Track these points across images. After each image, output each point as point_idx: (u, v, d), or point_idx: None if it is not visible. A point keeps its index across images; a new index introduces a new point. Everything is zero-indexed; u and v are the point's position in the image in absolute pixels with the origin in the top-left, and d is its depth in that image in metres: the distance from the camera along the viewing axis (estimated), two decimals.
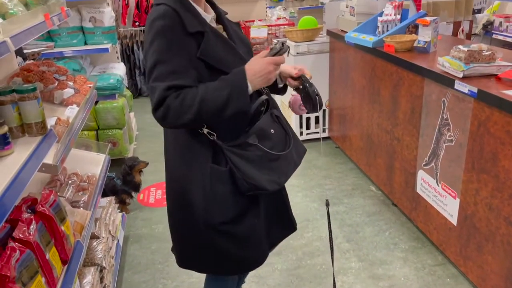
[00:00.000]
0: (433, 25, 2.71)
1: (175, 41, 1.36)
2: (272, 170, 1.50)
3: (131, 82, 5.92)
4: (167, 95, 1.33)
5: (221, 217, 1.53)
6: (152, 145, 4.42)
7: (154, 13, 1.39)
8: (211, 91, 1.36)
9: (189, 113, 1.34)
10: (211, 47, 1.41)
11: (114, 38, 3.78)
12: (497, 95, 1.93)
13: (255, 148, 1.46)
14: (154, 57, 1.36)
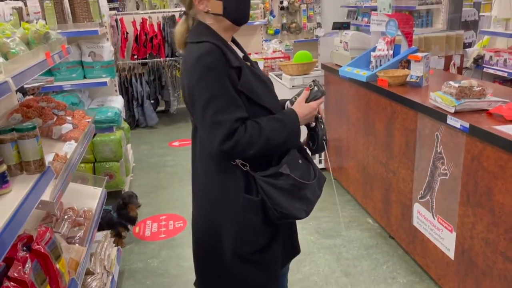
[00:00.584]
0: (424, 60, 2.78)
1: (224, 75, 1.43)
2: (300, 199, 1.56)
3: (129, 114, 5.97)
4: (236, 127, 1.42)
5: (252, 246, 1.58)
6: (148, 177, 4.42)
7: (197, 50, 1.45)
8: (273, 131, 1.47)
9: (254, 149, 1.45)
10: (248, 81, 1.50)
11: (112, 72, 3.85)
12: (488, 130, 1.96)
13: (287, 177, 1.52)
14: (208, 92, 1.42)
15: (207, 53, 1.43)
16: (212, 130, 1.42)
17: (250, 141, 1.42)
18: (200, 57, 1.43)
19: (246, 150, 1.44)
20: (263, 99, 1.53)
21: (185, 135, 5.67)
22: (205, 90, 1.42)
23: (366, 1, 7.16)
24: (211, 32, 1.51)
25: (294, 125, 1.53)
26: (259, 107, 1.51)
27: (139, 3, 7.97)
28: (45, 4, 3.33)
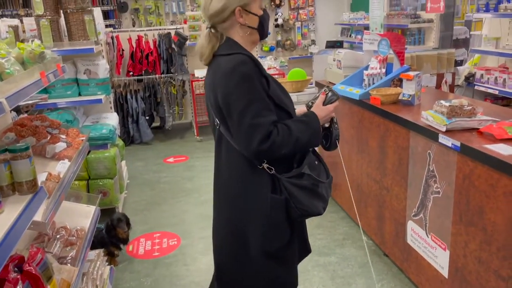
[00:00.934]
0: (416, 79, 2.82)
1: (260, 83, 1.60)
2: (318, 197, 1.73)
3: (124, 130, 5.97)
4: (271, 129, 1.58)
5: (279, 242, 1.74)
6: (142, 194, 4.40)
7: (231, 61, 1.60)
8: (300, 132, 1.65)
9: (286, 148, 1.62)
10: (275, 89, 1.68)
11: (108, 89, 3.86)
12: (479, 149, 1.99)
13: (308, 177, 1.68)
14: (246, 98, 1.57)
15: (243, 63, 1.58)
16: (250, 132, 1.56)
17: (283, 142, 1.59)
18: (236, 67, 1.57)
19: (280, 150, 1.60)
20: (286, 104, 1.71)
21: (179, 151, 5.67)
22: (244, 96, 1.56)
23: (360, 19, 7.26)
24: (241, 46, 1.67)
25: (316, 125, 1.71)
26: (283, 111, 1.69)
27: (135, 20, 8.06)
28: (41, 23, 3.36)
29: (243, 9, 1.65)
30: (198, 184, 4.57)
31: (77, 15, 3.49)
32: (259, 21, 1.68)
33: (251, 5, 1.66)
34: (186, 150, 5.70)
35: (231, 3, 1.63)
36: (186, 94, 6.33)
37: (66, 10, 3.48)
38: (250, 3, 1.66)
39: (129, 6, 7.95)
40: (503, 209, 1.90)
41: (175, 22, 8.03)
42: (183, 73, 5.98)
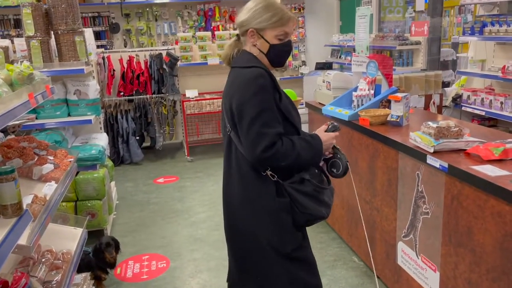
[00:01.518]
0: (404, 100, 2.86)
1: (273, 96, 1.75)
2: (321, 202, 1.84)
3: (114, 150, 5.93)
4: (276, 140, 1.70)
5: (293, 243, 1.84)
6: (132, 215, 4.35)
7: (249, 73, 1.75)
8: (303, 149, 1.77)
9: (287, 161, 1.73)
10: (286, 103, 1.82)
11: (98, 109, 3.86)
12: (467, 170, 2.00)
13: (308, 182, 1.81)
14: (259, 107, 1.69)
15: (260, 75, 1.74)
16: (257, 139, 1.69)
17: (285, 154, 1.71)
18: (254, 78, 1.73)
19: (281, 161, 1.72)
20: (295, 119, 1.84)
21: (170, 171, 5.64)
22: (257, 106, 1.69)
23: (349, 41, 7.39)
24: (258, 61, 1.81)
25: (319, 147, 1.83)
26: (291, 125, 1.82)
27: (127, 41, 8.10)
28: (32, 44, 3.37)
29: (257, 32, 1.80)
30: (188, 205, 4.53)
31: (68, 36, 3.51)
32: (269, 48, 1.81)
33: (266, 31, 1.79)
34: (177, 170, 5.68)
35: (248, 22, 1.80)
36: (177, 114, 6.33)
37: (57, 31, 3.50)
38: (266, 29, 1.79)
39: (121, 27, 8.00)
40: (491, 230, 1.91)
41: (167, 43, 8.09)
42: (174, 93, 6.00)
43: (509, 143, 2.17)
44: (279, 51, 1.82)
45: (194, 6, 8.19)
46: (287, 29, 1.81)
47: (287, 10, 1.82)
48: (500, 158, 2.09)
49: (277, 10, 1.79)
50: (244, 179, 1.83)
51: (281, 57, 1.85)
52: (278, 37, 1.80)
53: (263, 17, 1.77)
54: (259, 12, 1.78)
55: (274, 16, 1.77)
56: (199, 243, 3.73)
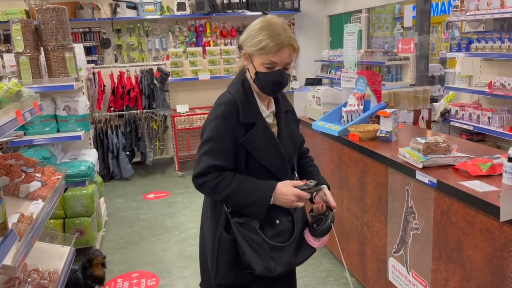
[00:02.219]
0: (393, 116, 2.88)
1: (227, 127, 1.65)
2: (269, 257, 1.65)
3: (104, 166, 5.89)
4: (208, 171, 1.63)
5: (221, 279, 1.74)
6: (121, 232, 4.30)
7: (222, 98, 1.72)
8: (241, 191, 1.63)
9: (218, 196, 1.65)
10: (255, 138, 1.67)
11: (87, 125, 3.83)
12: (455, 186, 2.02)
13: (255, 232, 1.65)
14: (209, 133, 1.66)
15: (225, 103, 1.68)
16: (196, 163, 1.68)
17: (215, 188, 1.62)
18: (219, 104, 1.69)
19: (211, 194, 1.66)
20: (264, 157, 1.69)
21: (160, 187, 5.60)
22: (208, 132, 1.67)
23: (339, 56, 7.47)
24: (241, 86, 1.72)
25: (264, 196, 1.64)
26: (257, 162, 1.68)
27: (118, 56, 8.11)
28: (21, 60, 3.36)
29: (249, 56, 1.70)
30: (179, 221, 4.49)
31: (57, 52, 3.50)
32: (256, 75, 1.69)
33: (254, 57, 1.68)
34: (167, 185, 5.64)
35: (244, 43, 1.71)
36: (167, 129, 6.32)
37: (46, 47, 3.49)
38: (254, 55, 1.67)
39: (111, 42, 8.02)
40: (480, 246, 1.91)
41: (158, 58, 8.12)
42: (165, 108, 5.99)
43: (497, 159, 2.19)
44: (263, 80, 1.67)
45: (185, 22, 8.25)
46: (273, 59, 1.63)
47: (283, 35, 1.63)
48: (488, 173, 2.11)
49: (267, 36, 1.62)
50: (205, 202, 1.85)
51: (266, 87, 1.69)
52: (264, 65, 1.66)
53: (253, 41, 1.65)
54: (252, 35, 1.67)
55: (262, 42, 1.62)
56: (190, 260, 3.68)
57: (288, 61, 1.68)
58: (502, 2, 3.72)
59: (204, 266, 1.88)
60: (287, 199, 1.64)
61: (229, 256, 1.70)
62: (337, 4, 8.29)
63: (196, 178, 1.67)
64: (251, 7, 8.21)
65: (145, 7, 7.85)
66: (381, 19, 8.40)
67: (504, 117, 3.95)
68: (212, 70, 6.26)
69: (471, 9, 4.09)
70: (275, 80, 1.68)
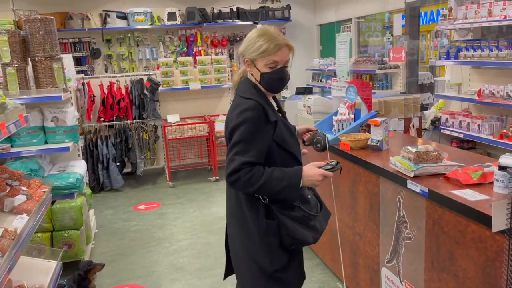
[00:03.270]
0: (383, 125, 2.87)
1: (259, 129, 1.84)
2: (310, 228, 1.93)
3: (94, 177, 5.82)
4: (241, 168, 1.80)
5: (276, 265, 1.93)
6: (111, 244, 4.23)
7: (243, 104, 1.86)
8: (273, 179, 1.81)
9: (252, 188, 1.81)
10: (281, 132, 1.91)
11: (76, 136, 3.78)
12: (446, 195, 2.00)
13: (298, 209, 1.90)
14: (240, 136, 1.82)
15: (250, 108, 1.84)
16: (228, 164, 1.83)
17: (249, 181, 1.79)
18: (244, 111, 1.84)
19: (246, 187, 1.81)
20: (290, 146, 1.94)
21: (151, 198, 5.54)
22: (238, 135, 1.83)
23: (329, 65, 7.50)
24: (256, 91, 1.91)
25: (294, 180, 1.84)
26: (287, 152, 1.92)
27: (108, 66, 8.08)
28: (8, 71, 3.31)
29: (251, 62, 1.90)
30: (170, 232, 4.44)
31: (45, 63, 3.46)
32: (260, 77, 1.88)
33: (257, 61, 1.88)
34: (158, 196, 5.58)
35: (244, 52, 1.91)
36: (158, 140, 6.27)
37: (34, 58, 3.45)
38: (257, 59, 1.87)
39: (102, 52, 7.99)
40: (472, 256, 1.90)
41: (148, 68, 8.10)
42: (156, 119, 5.95)
43: (487, 167, 2.18)
44: (269, 79, 1.88)
45: (176, 32, 8.25)
46: (275, 58, 1.86)
47: (279, 37, 1.87)
48: (479, 182, 2.10)
49: (265, 40, 1.85)
50: (238, 199, 1.96)
51: (273, 85, 1.91)
52: (268, 66, 1.87)
53: (253, 48, 1.87)
54: (252, 43, 1.88)
55: (262, 47, 1.85)
56: (181, 272, 3.63)
57: (287, 59, 1.92)
58: (489, 10, 3.76)
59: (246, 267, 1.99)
60: (315, 180, 1.86)
61: (277, 240, 1.91)
62: (328, 13, 8.35)
63: (230, 175, 1.82)
64: (241, 17, 8.25)
65: (136, 17, 7.85)
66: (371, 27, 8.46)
67: (493, 124, 3.97)
68: (203, 79, 6.25)
69: (459, 17, 4.12)
70: (279, 77, 1.90)
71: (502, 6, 3.63)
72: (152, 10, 7.93)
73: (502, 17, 3.64)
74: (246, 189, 1.83)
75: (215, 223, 4.59)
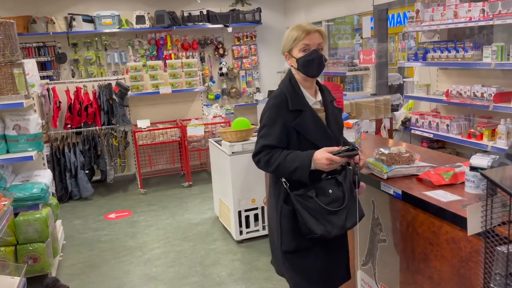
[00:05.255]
0: (355, 127, 2.87)
1: (279, 115, 2.01)
2: (327, 221, 1.94)
3: (61, 186, 5.61)
4: (262, 150, 2.02)
5: (288, 247, 2.05)
6: (80, 256, 4.07)
7: (274, 93, 2.09)
8: (287, 161, 1.96)
9: (270, 169, 2.01)
10: (304, 122, 2.02)
11: (40, 145, 3.63)
12: (419, 197, 2.00)
13: (313, 200, 1.95)
14: (264, 121, 2.05)
15: (274, 96, 2.06)
16: (255, 145, 2.07)
17: (268, 162, 1.99)
18: (271, 98, 2.07)
19: (266, 167, 2.01)
20: (313, 136, 2.01)
21: (122, 205, 5.39)
22: (263, 120, 2.05)
23: None
24: (288, 81, 2.08)
25: (304, 162, 1.94)
26: (309, 142, 2.01)
27: (75, 71, 7.85)
28: None
29: (289, 54, 2.08)
30: (142, 241, 4.31)
31: (5, 69, 3.30)
32: (296, 62, 2.04)
33: (293, 51, 2.06)
34: (129, 204, 5.43)
35: (283, 49, 2.10)
36: (128, 146, 6.11)
37: None
38: (292, 49, 2.05)
39: (68, 57, 7.75)
40: (447, 257, 1.90)
41: (117, 73, 7.90)
42: (125, 124, 5.80)
43: (458, 167, 2.20)
44: (303, 61, 2.02)
45: (145, 35, 8.09)
46: (306, 41, 2.01)
47: (308, 26, 2.03)
48: (451, 182, 2.12)
49: (294, 30, 2.04)
50: (270, 181, 2.16)
51: (307, 67, 2.02)
52: (301, 51, 2.02)
53: (287, 40, 2.06)
54: (286, 38, 2.08)
55: (294, 36, 2.03)
56: (154, 282, 3.52)
57: (319, 42, 2.03)
58: (455, 12, 3.83)
59: (272, 240, 2.17)
60: (321, 163, 1.91)
61: (290, 225, 2.01)
62: (298, 15, 8.38)
63: (254, 156, 2.05)
64: (212, 20, 8.17)
65: (103, 20, 7.66)
66: (340, 30, 8.55)
67: (462, 124, 4.05)
68: (173, 83, 6.14)
69: (426, 19, 4.19)
70: (312, 57, 2.01)
71: (468, 8, 3.71)
72: (120, 13, 7.76)
73: (468, 19, 3.71)
74: (266, 169, 2.02)
75: (189, 229, 4.50)
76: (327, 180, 1.99)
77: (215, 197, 4.75)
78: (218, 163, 4.42)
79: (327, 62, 2.27)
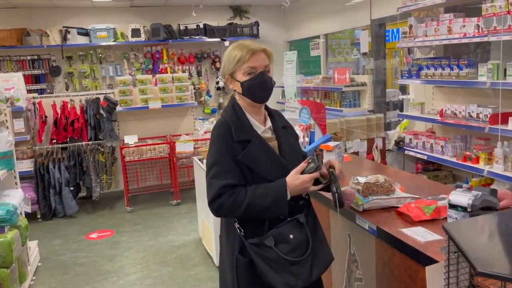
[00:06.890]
0: (336, 150, 2.66)
1: (226, 147, 1.72)
2: (289, 273, 1.66)
3: (45, 203, 5.43)
4: (222, 192, 1.68)
5: None
6: (53, 280, 3.86)
7: (216, 123, 1.81)
8: (258, 197, 1.67)
9: (238, 212, 1.68)
10: (251, 154, 1.73)
11: (10, 163, 3.46)
12: (395, 235, 1.78)
13: (271, 250, 1.67)
14: (212, 158, 1.74)
15: (217, 127, 1.79)
16: (207, 190, 1.72)
17: (234, 204, 1.66)
18: (214, 129, 1.80)
19: (232, 212, 1.68)
20: (262, 169, 1.73)
21: (106, 224, 5.18)
22: (210, 157, 1.76)
23: (299, 82, 7.34)
24: (231, 109, 1.81)
25: (279, 193, 1.68)
26: (259, 175, 1.72)
27: (69, 84, 7.74)
28: None
29: (231, 77, 1.82)
30: (119, 264, 4.10)
31: None
32: (241, 87, 1.78)
33: (236, 73, 1.80)
34: (113, 223, 5.22)
35: (224, 71, 1.84)
36: (116, 162, 5.93)
37: None
38: (235, 71, 1.79)
39: (62, 70, 7.65)
40: None
41: (112, 86, 7.78)
42: (113, 140, 5.63)
43: (441, 200, 1.98)
44: (249, 85, 1.77)
45: (141, 48, 7.99)
46: (251, 64, 1.76)
47: (252, 45, 1.78)
48: (432, 217, 1.89)
49: (237, 50, 1.78)
50: (224, 226, 1.85)
51: (254, 92, 1.78)
52: (246, 74, 1.78)
53: (229, 61, 1.80)
54: (226, 59, 1.82)
55: (236, 57, 1.77)
56: None
57: (266, 64, 1.79)
58: (449, 28, 3.62)
59: None
60: (303, 188, 1.70)
61: (248, 278, 1.72)
62: (296, 30, 8.23)
63: (212, 203, 1.70)
64: (209, 34, 8.05)
65: (98, 33, 7.57)
66: (340, 44, 8.39)
67: (457, 145, 3.80)
68: (163, 98, 5.97)
69: (420, 35, 3.98)
70: (259, 81, 1.77)
71: (462, 23, 3.50)
72: (115, 27, 7.67)
73: (462, 35, 3.50)
74: (232, 214, 1.70)
75: (170, 252, 4.28)
76: (287, 223, 1.71)
77: (199, 218, 4.53)
78: (202, 181, 4.21)
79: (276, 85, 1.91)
